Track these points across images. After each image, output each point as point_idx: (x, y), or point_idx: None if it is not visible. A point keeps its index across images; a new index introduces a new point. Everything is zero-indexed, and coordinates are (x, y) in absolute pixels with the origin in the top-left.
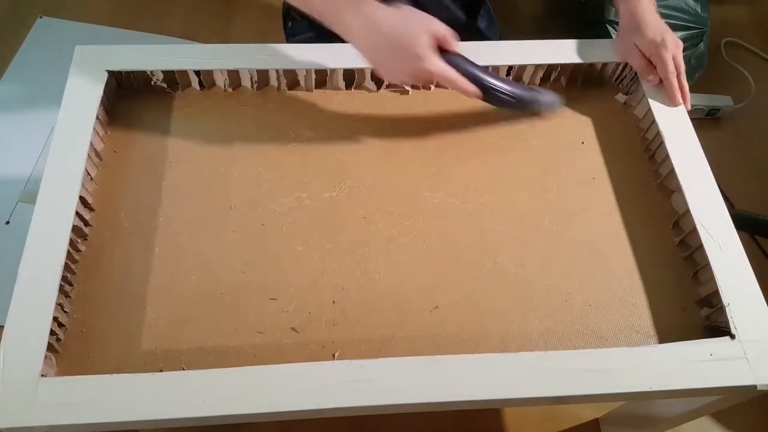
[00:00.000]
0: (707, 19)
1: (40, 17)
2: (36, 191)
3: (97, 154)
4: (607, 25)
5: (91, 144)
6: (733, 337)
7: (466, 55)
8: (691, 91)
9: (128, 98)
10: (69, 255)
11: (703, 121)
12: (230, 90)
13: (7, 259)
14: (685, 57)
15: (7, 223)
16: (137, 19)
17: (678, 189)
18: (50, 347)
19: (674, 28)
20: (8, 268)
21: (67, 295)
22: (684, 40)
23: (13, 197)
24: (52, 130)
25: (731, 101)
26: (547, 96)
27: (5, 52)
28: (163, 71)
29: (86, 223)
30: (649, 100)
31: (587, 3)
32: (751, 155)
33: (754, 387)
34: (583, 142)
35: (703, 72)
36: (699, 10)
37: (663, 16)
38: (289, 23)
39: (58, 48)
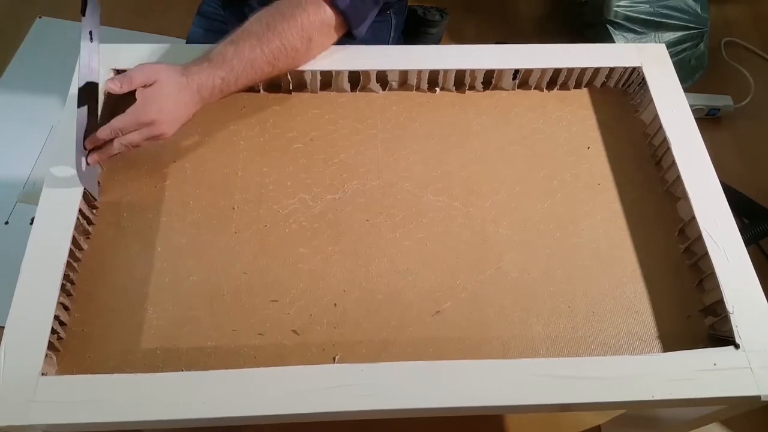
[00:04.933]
0: (707, 19)
1: (40, 17)
2: (35, 192)
3: None
4: (608, 26)
5: None
6: (737, 346)
7: (469, 56)
8: (691, 91)
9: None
10: (71, 253)
11: (703, 121)
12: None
13: (6, 259)
14: (685, 57)
15: (6, 223)
16: (137, 19)
17: (684, 196)
18: (51, 346)
19: (674, 28)
20: (7, 268)
21: (68, 294)
22: (684, 40)
23: (12, 198)
24: (52, 131)
25: (731, 101)
26: None
27: (5, 52)
28: None
29: (89, 222)
30: (657, 106)
31: (587, 3)
32: (751, 155)
33: (758, 398)
34: (588, 147)
35: (703, 72)
36: (699, 10)
37: (663, 16)
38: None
39: (58, 48)
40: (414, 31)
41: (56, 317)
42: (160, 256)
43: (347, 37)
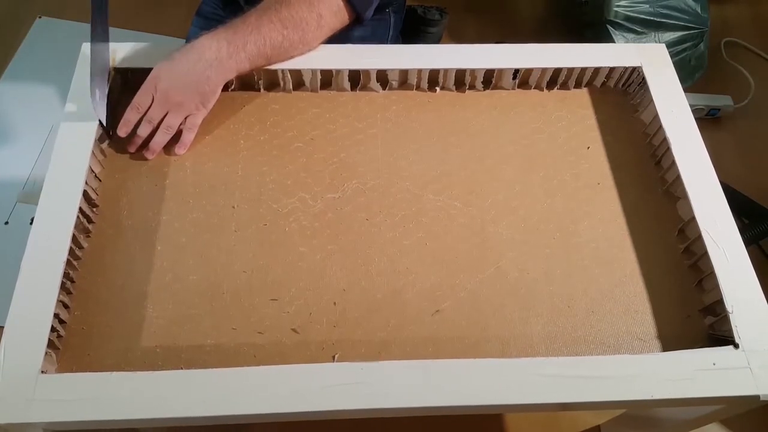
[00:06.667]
0: (707, 19)
1: (40, 17)
2: (35, 192)
3: (102, 152)
4: (607, 26)
5: (96, 141)
6: (736, 346)
7: (469, 56)
8: (691, 91)
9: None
10: (71, 251)
11: (703, 121)
12: (235, 89)
13: (6, 259)
14: (685, 57)
15: (6, 223)
16: (137, 19)
17: (684, 196)
18: (51, 344)
19: (674, 28)
20: (7, 268)
21: (68, 292)
22: (684, 40)
23: (12, 198)
24: (52, 131)
25: (731, 101)
26: None
27: (5, 52)
28: None
29: (89, 220)
30: (656, 106)
31: (587, 3)
32: (751, 155)
33: (757, 397)
34: (588, 147)
35: (703, 72)
36: (699, 10)
37: (663, 16)
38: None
39: (58, 48)
40: (414, 30)
41: (56, 315)
42: (160, 254)
43: (356, 22)
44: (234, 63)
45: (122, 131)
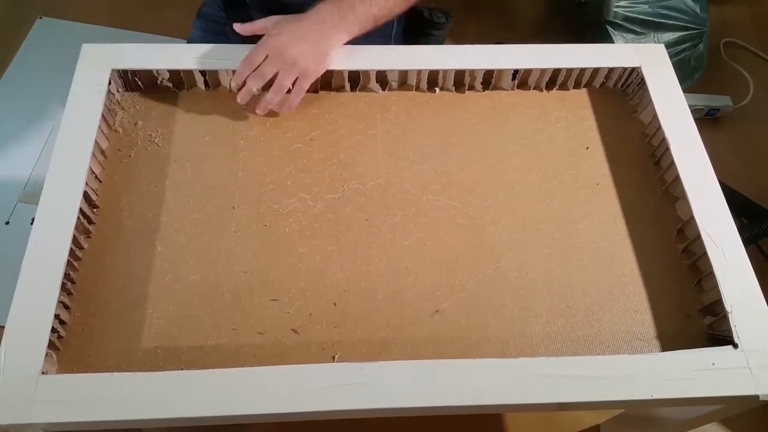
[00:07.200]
0: (706, 20)
1: (40, 17)
2: (35, 192)
3: (102, 153)
4: (607, 26)
5: (96, 142)
6: (735, 346)
7: (468, 57)
8: (691, 91)
9: (134, 97)
10: (72, 252)
11: (703, 121)
12: (236, 90)
13: (6, 259)
14: (684, 57)
15: (7, 223)
16: (137, 19)
17: (683, 196)
18: (51, 344)
19: (673, 28)
20: (8, 268)
21: (69, 293)
22: (683, 40)
23: (12, 198)
24: (53, 131)
25: (730, 101)
26: None
27: (5, 52)
28: (169, 71)
29: (90, 221)
30: (656, 106)
31: (586, 4)
32: (750, 155)
33: (756, 397)
34: (587, 148)
35: (703, 72)
36: (698, 11)
37: (662, 16)
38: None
39: (58, 48)
40: (418, 33)
41: (56, 316)
42: (160, 255)
43: None
44: (346, 25)
45: (234, 84)
